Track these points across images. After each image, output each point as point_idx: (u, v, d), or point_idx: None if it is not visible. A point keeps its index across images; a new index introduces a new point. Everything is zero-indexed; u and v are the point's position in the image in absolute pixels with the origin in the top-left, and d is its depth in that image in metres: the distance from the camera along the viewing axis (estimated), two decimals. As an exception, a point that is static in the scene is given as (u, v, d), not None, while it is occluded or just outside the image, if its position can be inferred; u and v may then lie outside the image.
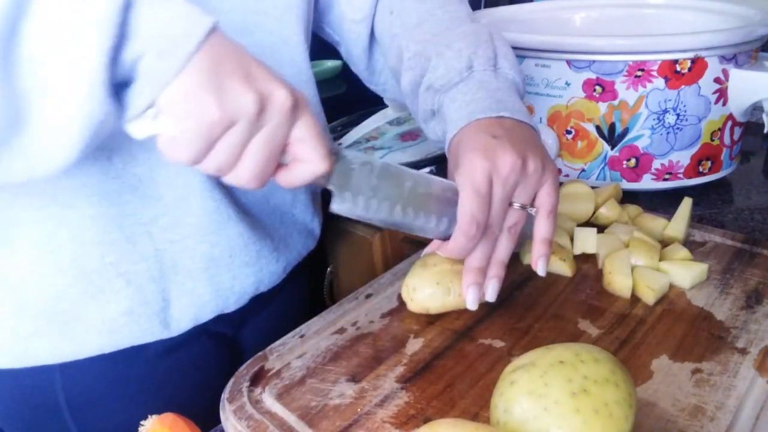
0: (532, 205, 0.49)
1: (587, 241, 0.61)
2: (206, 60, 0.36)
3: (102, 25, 0.34)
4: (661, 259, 0.57)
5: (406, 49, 0.59)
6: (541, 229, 0.49)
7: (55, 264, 0.51)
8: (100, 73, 0.34)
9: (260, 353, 0.50)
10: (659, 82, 0.70)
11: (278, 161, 0.41)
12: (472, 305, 0.49)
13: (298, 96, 0.40)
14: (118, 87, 0.37)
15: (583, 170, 0.77)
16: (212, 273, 0.57)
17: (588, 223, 0.66)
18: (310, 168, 0.41)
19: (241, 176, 0.39)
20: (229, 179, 0.40)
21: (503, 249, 0.50)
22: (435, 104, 0.56)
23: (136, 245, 0.53)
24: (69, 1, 0.33)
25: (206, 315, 0.59)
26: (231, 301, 0.60)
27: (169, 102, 0.36)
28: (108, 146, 0.50)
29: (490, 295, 0.50)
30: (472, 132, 0.50)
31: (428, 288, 0.52)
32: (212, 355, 0.63)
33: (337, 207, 0.46)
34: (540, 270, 0.50)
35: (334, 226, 0.97)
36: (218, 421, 0.46)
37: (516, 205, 0.49)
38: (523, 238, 0.60)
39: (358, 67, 0.71)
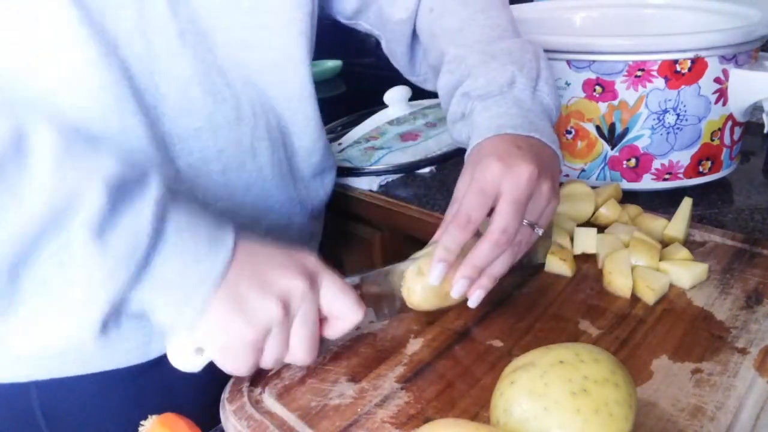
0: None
1: (587, 241, 0.61)
2: (224, 288, 0.40)
3: (112, 273, 0.36)
4: (661, 259, 0.57)
5: (447, 52, 0.60)
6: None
7: None
8: (92, 323, 0.37)
9: (260, 353, 0.50)
10: (659, 82, 0.70)
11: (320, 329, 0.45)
12: (456, 295, 0.48)
13: (311, 268, 0.44)
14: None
15: (583, 170, 0.77)
16: None
17: (588, 223, 0.66)
18: (349, 320, 0.45)
19: (298, 359, 0.44)
20: (290, 361, 0.45)
21: (501, 264, 0.48)
22: (467, 109, 0.56)
23: None
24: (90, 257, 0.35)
25: None
26: None
27: (204, 339, 0.41)
28: None
29: (473, 302, 0.49)
30: (497, 141, 0.50)
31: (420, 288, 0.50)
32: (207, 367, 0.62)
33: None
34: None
35: (334, 226, 0.97)
36: (212, 425, 0.46)
37: (525, 222, 0.48)
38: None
39: (400, 62, 0.72)
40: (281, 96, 0.59)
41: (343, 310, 0.45)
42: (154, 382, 0.58)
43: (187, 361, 0.42)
